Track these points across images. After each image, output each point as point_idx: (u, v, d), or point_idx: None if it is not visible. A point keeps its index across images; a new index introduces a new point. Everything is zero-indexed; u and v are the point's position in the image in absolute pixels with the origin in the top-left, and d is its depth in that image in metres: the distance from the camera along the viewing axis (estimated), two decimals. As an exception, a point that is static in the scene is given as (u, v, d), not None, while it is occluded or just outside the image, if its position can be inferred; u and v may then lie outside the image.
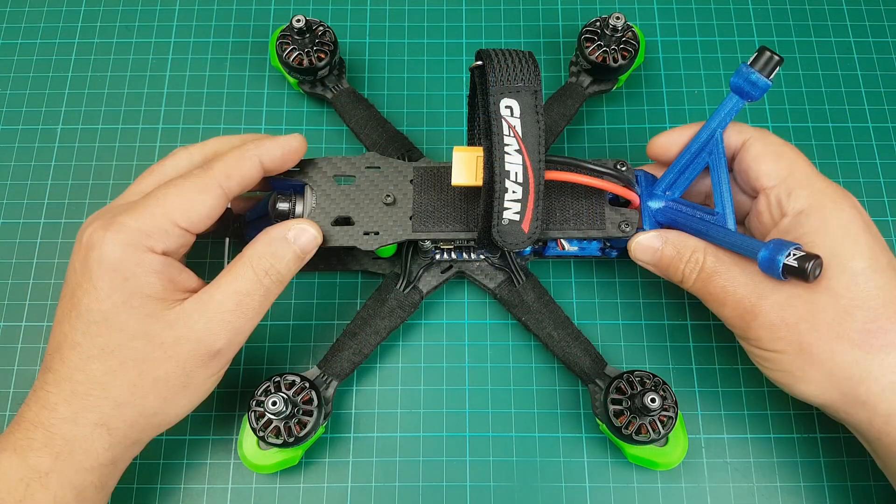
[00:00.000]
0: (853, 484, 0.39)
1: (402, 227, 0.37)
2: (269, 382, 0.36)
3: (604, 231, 0.36)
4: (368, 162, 0.38)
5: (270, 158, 0.35)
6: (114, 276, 0.31)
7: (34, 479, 0.30)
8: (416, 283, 0.40)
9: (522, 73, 0.32)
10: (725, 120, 0.35)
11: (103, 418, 0.31)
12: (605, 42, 0.43)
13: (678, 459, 0.37)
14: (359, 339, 0.39)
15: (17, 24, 0.49)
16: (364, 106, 0.44)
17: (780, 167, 0.34)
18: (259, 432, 0.35)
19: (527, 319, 0.39)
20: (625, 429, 0.35)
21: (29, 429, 0.31)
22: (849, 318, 0.31)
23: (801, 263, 0.30)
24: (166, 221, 0.32)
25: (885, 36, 0.49)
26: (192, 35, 0.49)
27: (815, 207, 0.33)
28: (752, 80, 0.34)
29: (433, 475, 0.39)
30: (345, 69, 0.45)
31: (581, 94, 0.44)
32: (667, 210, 0.36)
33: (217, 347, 0.32)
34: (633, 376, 0.37)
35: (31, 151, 0.46)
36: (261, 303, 0.33)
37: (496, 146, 0.32)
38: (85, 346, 0.31)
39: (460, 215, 0.37)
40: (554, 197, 0.37)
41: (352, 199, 0.37)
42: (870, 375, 0.31)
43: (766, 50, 0.34)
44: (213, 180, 0.33)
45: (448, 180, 0.36)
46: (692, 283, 0.35)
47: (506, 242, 0.33)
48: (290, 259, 0.34)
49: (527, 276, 0.40)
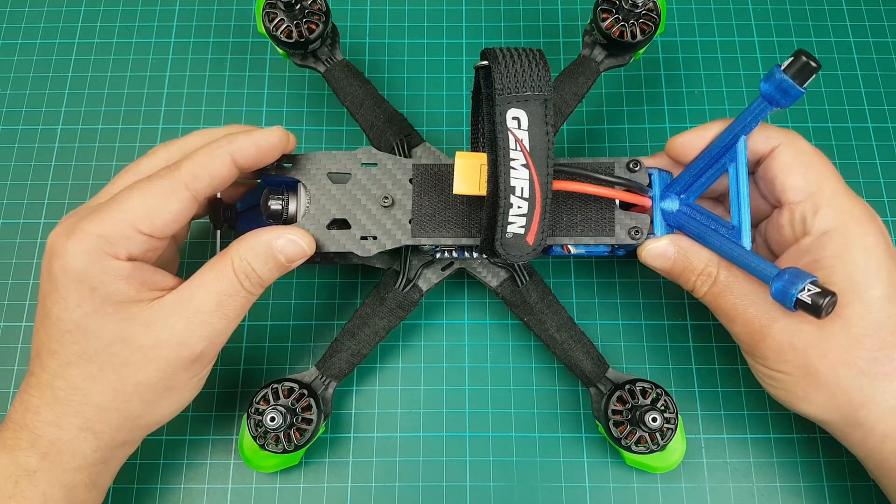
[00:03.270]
0: (853, 484, 0.39)
1: (401, 231, 0.35)
2: (267, 389, 0.36)
3: (613, 237, 0.35)
4: (365, 157, 0.36)
5: (244, 156, 0.32)
6: (80, 286, 0.30)
7: (23, 476, 0.30)
8: (415, 282, 0.38)
9: (531, 78, 0.30)
10: (750, 126, 0.33)
11: (87, 423, 0.31)
12: (623, 16, 0.40)
13: (675, 463, 0.37)
14: (357, 338, 0.38)
15: (17, 24, 0.49)
16: (360, 82, 0.41)
17: (809, 181, 0.32)
18: (258, 440, 0.35)
19: (529, 320, 0.38)
20: (624, 440, 0.35)
21: (16, 429, 0.31)
22: (858, 346, 0.31)
23: (815, 300, 0.28)
24: (127, 228, 0.30)
25: (885, 36, 0.49)
26: (192, 35, 0.49)
27: (839, 231, 0.32)
28: (783, 87, 0.31)
29: (433, 475, 0.39)
30: (338, 38, 0.42)
31: (595, 69, 0.41)
32: (680, 215, 0.35)
33: (198, 350, 0.32)
34: (634, 387, 0.36)
35: (31, 151, 0.46)
36: (242, 305, 0.32)
37: (501, 160, 0.30)
38: (62, 353, 0.31)
39: (462, 220, 0.35)
40: (561, 202, 0.35)
41: (348, 199, 0.35)
42: (872, 400, 0.31)
43: (802, 54, 0.30)
44: (178, 182, 0.31)
45: (449, 181, 0.35)
46: (702, 294, 0.34)
47: (509, 255, 0.32)
48: (272, 267, 0.33)
49: (530, 275, 0.39)
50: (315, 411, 0.35)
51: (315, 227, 0.35)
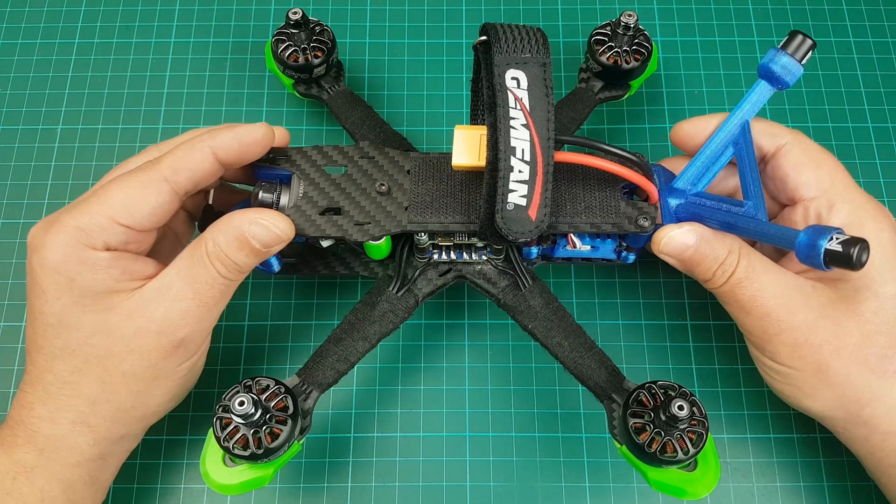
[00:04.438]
0: (853, 484, 0.39)
1: (398, 217, 0.34)
2: (239, 385, 0.32)
3: (619, 225, 0.33)
4: (363, 152, 0.35)
5: (226, 150, 0.32)
6: (58, 278, 0.30)
7: (20, 472, 0.30)
8: (410, 286, 0.36)
9: (530, 43, 0.30)
10: (754, 108, 0.32)
11: (80, 416, 0.31)
12: (616, 43, 0.41)
13: (710, 488, 0.32)
14: (344, 344, 0.35)
15: (17, 24, 0.49)
16: (361, 107, 0.42)
17: (821, 178, 0.32)
18: (224, 442, 0.31)
19: (534, 327, 0.36)
20: (648, 447, 0.31)
21: (13, 426, 0.31)
22: (870, 343, 0.31)
23: (846, 248, 0.26)
24: (104, 219, 0.30)
25: (885, 36, 0.49)
26: (192, 35, 0.49)
27: (854, 226, 0.32)
28: (783, 63, 0.31)
29: (433, 475, 0.39)
30: (343, 73, 0.44)
31: (592, 98, 0.42)
32: (689, 206, 0.33)
33: (179, 336, 0.31)
34: (656, 387, 0.32)
35: (31, 151, 0.46)
36: (221, 292, 0.32)
37: (501, 119, 0.29)
38: (47, 348, 0.31)
39: (460, 206, 0.34)
40: (564, 188, 0.34)
41: (343, 188, 0.34)
42: (878, 398, 0.31)
43: (798, 33, 0.31)
44: (157, 174, 0.31)
45: (448, 168, 0.34)
46: (720, 285, 0.33)
47: (510, 231, 0.30)
48: (247, 253, 0.32)
49: (533, 279, 0.37)
50: (292, 412, 0.32)
51: (307, 213, 0.34)
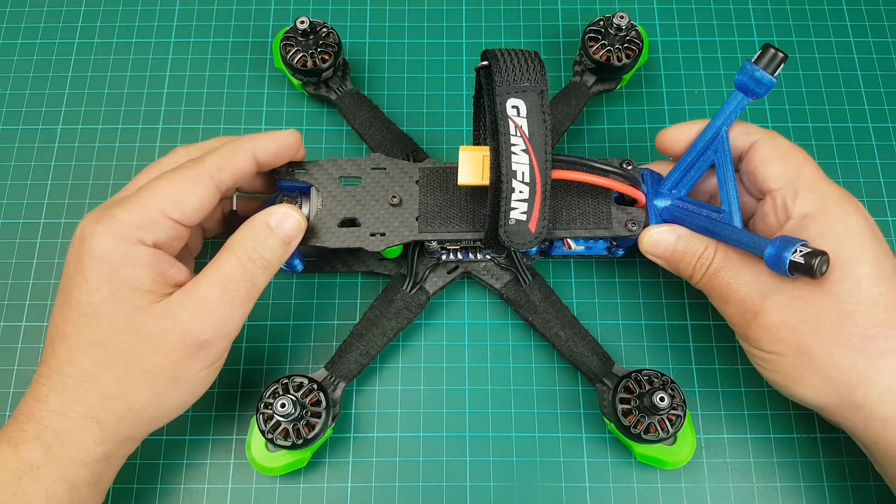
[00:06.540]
0: (853, 484, 0.39)
1: (409, 227, 0.37)
2: (277, 384, 0.36)
3: (611, 230, 0.36)
4: (374, 163, 0.38)
5: (265, 152, 0.35)
6: (102, 267, 0.31)
7: (26, 472, 0.31)
8: (422, 284, 0.40)
9: (528, 72, 0.32)
10: (730, 118, 0.35)
11: (92, 411, 0.31)
12: (609, 41, 0.43)
13: (686, 458, 0.37)
14: (366, 339, 0.39)
15: (17, 24, 0.49)
16: (368, 107, 0.44)
17: (787, 169, 0.34)
18: (268, 434, 0.35)
19: (533, 319, 0.39)
20: (633, 428, 0.36)
21: (22, 421, 0.31)
22: (850, 323, 0.31)
23: (808, 260, 0.30)
24: (157, 213, 0.32)
25: (885, 36, 0.49)
26: (192, 35, 0.49)
27: (820, 211, 0.33)
28: (756, 77, 0.34)
29: (433, 475, 0.39)
30: (348, 71, 0.45)
31: (585, 93, 0.44)
32: (673, 208, 0.36)
33: (204, 338, 0.32)
34: (641, 375, 0.37)
35: (31, 151, 0.46)
36: (247, 290, 0.33)
37: (503, 146, 0.32)
38: (74, 338, 0.31)
39: (466, 215, 0.37)
40: (560, 197, 0.37)
41: (357, 200, 0.37)
42: (867, 380, 0.31)
43: (770, 47, 0.34)
44: (204, 172, 0.33)
45: (454, 180, 0.36)
46: (699, 278, 0.35)
47: (512, 242, 0.33)
48: (273, 244, 0.34)
49: (533, 275, 0.40)
50: (325, 405, 0.36)
51: (326, 224, 0.37)
